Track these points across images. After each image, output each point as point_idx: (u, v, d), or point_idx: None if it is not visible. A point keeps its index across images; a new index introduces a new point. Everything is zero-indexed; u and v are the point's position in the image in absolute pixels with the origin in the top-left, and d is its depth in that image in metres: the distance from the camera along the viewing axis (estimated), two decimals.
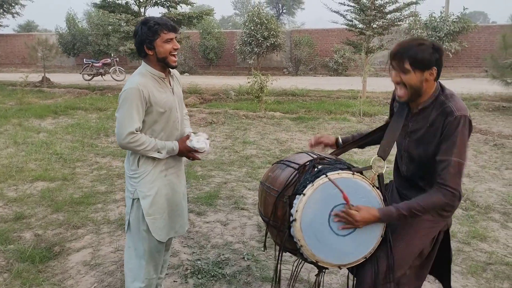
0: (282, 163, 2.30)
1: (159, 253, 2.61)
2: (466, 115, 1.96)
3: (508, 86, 11.18)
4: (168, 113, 2.49)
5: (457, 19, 19.80)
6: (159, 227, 2.52)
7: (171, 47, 2.42)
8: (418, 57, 1.97)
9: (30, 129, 8.72)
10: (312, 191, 1.97)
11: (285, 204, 2.07)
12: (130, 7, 15.28)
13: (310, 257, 2.02)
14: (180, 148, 2.52)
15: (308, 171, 2.09)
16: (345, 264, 2.08)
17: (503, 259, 3.55)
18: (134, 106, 2.35)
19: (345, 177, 2.01)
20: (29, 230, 4.09)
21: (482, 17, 67.07)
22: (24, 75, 14.57)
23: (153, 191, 2.48)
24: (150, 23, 2.39)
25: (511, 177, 5.67)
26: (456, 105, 1.98)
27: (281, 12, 56.09)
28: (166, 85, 2.52)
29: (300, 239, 1.98)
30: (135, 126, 2.35)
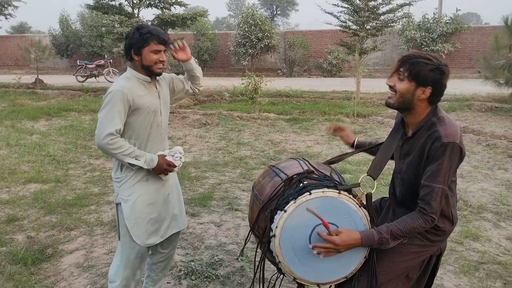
0: (273, 170, 2.28)
1: (139, 259, 2.58)
2: (455, 141, 1.89)
3: (500, 86, 11.24)
4: (152, 116, 2.51)
5: (450, 21, 19.89)
6: (141, 232, 2.51)
7: (157, 58, 2.45)
8: (416, 69, 1.93)
9: (23, 131, 8.67)
10: (294, 208, 1.93)
11: (266, 218, 2.05)
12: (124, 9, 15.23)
13: (288, 273, 1.99)
14: (160, 161, 2.48)
15: (294, 185, 2.05)
16: (324, 283, 2.04)
17: (495, 258, 3.57)
18: (117, 108, 2.37)
19: (330, 195, 1.96)
20: (21, 232, 4.06)
21: (475, 18, 67.49)
22: (17, 77, 14.48)
23: (134, 195, 2.48)
24: (143, 30, 2.43)
25: (504, 177, 5.71)
26: (445, 130, 1.91)
27: (275, 14, 56.17)
28: (152, 88, 2.55)
29: (279, 255, 1.95)
30: (115, 127, 2.36)
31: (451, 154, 1.89)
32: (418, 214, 1.95)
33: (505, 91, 11.43)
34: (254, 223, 2.15)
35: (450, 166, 1.91)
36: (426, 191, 1.93)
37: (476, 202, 4.77)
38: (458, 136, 1.92)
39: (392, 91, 2.03)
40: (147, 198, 2.52)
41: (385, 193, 4.81)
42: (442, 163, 1.90)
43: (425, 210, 1.93)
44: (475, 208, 4.63)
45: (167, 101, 2.69)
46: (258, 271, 2.23)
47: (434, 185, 1.91)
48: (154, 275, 2.87)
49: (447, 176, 1.92)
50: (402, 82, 1.97)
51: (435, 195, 1.91)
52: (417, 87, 1.95)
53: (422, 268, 2.16)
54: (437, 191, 1.91)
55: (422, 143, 1.99)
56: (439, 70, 1.93)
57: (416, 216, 1.95)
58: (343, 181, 2.23)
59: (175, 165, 2.53)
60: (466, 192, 5.07)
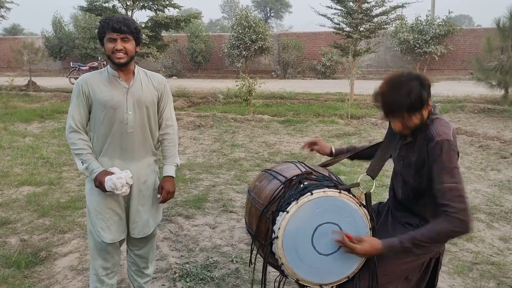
0: (270, 173, 2.28)
1: (105, 252, 2.57)
2: (448, 139, 1.92)
3: (493, 88, 11.32)
4: (111, 112, 2.43)
5: (442, 23, 20.01)
6: (101, 227, 2.49)
7: (112, 47, 2.38)
8: (414, 105, 1.93)
9: (15, 133, 8.62)
10: (296, 209, 1.93)
11: (268, 220, 2.04)
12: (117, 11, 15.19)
13: (290, 274, 1.99)
14: (97, 176, 2.38)
15: (294, 186, 2.06)
16: (326, 284, 2.05)
17: (488, 259, 3.59)
18: (75, 100, 2.45)
19: (330, 195, 1.97)
20: (14, 235, 4.03)
21: (467, 20, 67.98)
22: (10, 79, 14.43)
23: (94, 188, 2.46)
24: (102, 20, 2.41)
25: (496, 178, 5.75)
26: (436, 130, 1.96)
27: (269, 16, 56.26)
28: (119, 83, 2.48)
29: (282, 257, 1.95)
30: (73, 119, 2.41)
31: (447, 150, 1.91)
32: (442, 217, 1.92)
33: (497, 93, 11.52)
34: (255, 227, 2.14)
35: (451, 162, 1.92)
36: (441, 194, 1.92)
37: (469, 203, 4.79)
38: (450, 134, 1.95)
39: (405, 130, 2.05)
40: (96, 194, 2.48)
41: (379, 195, 4.83)
42: (442, 161, 1.91)
43: (446, 212, 1.90)
44: None
45: (144, 101, 2.51)
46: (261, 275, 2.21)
47: (444, 186, 1.90)
48: (130, 274, 2.85)
49: (453, 172, 1.91)
50: (409, 120, 1.98)
51: (447, 194, 1.89)
52: (422, 110, 1.97)
53: (421, 271, 2.17)
54: (448, 190, 1.89)
55: (419, 144, 2.03)
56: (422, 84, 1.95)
57: (440, 220, 1.92)
58: (340, 181, 2.24)
59: (106, 188, 2.35)
60: None
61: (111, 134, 2.47)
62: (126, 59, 2.41)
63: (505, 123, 9.38)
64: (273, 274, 3.23)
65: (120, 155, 2.50)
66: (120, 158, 2.50)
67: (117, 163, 2.48)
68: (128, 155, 2.51)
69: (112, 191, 2.36)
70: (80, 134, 2.42)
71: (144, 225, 2.62)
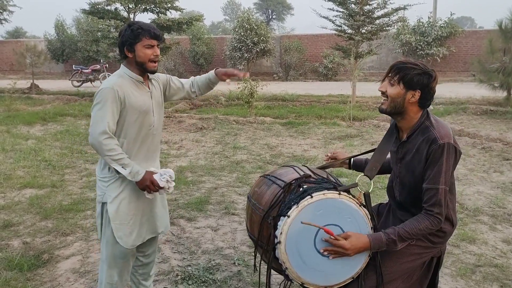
0: (269, 179, 2.28)
1: (124, 259, 2.57)
2: (450, 142, 1.98)
3: (495, 90, 11.31)
4: (143, 116, 2.49)
5: (444, 24, 20.01)
6: (124, 233, 2.49)
7: (151, 53, 2.44)
8: (405, 73, 2.03)
9: (18, 136, 8.64)
10: (297, 213, 1.94)
11: (269, 226, 2.05)
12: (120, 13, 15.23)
13: (295, 278, 2.00)
14: (145, 176, 2.41)
15: (293, 190, 2.06)
16: (331, 286, 2.06)
17: (491, 261, 3.58)
18: (109, 105, 2.35)
19: (330, 197, 1.98)
20: (17, 237, 4.04)
21: (469, 22, 67.87)
22: (12, 82, 14.46)
23: (121, 195, 2.46)
24: (134, 26, 2.42)
25: (499, 179, 5.73)
26: (440, 132, 2.01)
27: (270, 18, 56.33)
28: (144, 88, 2.53)
29: (285, 261, 1.96)
30: (108, 125, 2.35)
31: (448, 154, 1.99)
32: (424, 216, 2.02)
33: (499, 94, 11.50)
34: (258, 234, 2.14)
35: (448, 165, 1.99)
36: (430, 194, 2.00)
37: (472, 205, 4.78)
38: (452, 137, 2.02)
39: (384, 96, 2.12)
40: (134, 199, 2.49)
41: (382, 196, 4.83)
42: (442, 164, 1.98)
43: (431, 212, 2.00)
44: (471, 211, 4.64)
45: (160, 101, 2.66)
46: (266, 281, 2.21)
47: (438, 187, 1.99)
48: (135, 279, 2.85)
49: (447, 176, 1.99)
50: (393, 87, 2.07)
51: (439, 196, 1.99)
52: (407, 90, 2.05)
53: (423, 270, 2.20)
54: (441, 192, 1.99)
55: (418, 146, 2.06)
56: (426, 74, 2.03)
57: (422, 218, 2.02)
58: (339, 183, 2.24)
59: (160, 186, 2.43)
60: (462, 195, 5.09)
61: (140, 137, 2.51)
62: (156, 67, 2.52)
63: (507, 124, 9.36)
64: (278, 278, 3.22)
65: (145, 157, 2.57)
66: (145, 160, 2.57)
67: (143, 165, 2.53)
68: (150, 156, 2.61)
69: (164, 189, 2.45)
70: (115, 140, 2.38)
71: (166, 220, 2.77)
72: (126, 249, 2.52)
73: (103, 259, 2.58)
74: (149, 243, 2.75)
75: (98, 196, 2.53)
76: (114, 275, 2.56)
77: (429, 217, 2.01)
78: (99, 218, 2.55)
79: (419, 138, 2.07)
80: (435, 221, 2.01)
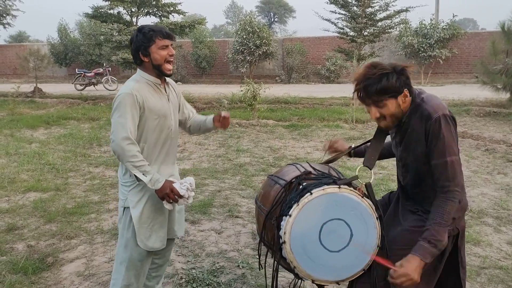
0: (271, 179, 2.28)
1: (141, 262, 2.57)
2: (444, 113, 1.95)
3: (498, 91, 11.28)
4: (162, 120, 2.49)
5: (447, 26, 19.99)
6: (145, 237, 2.50)
7: (167, 53, 2.43)
8: (387, 89, 1.98)
9: (22, 139, 8.67)
10: (298, 211, 1.93)
11: (273, 226, 2.04)
12: (122, 17, 15.31)
13: (305, 276, 1.99)
14: (165, 184, 2.38)
15: (294, 189, 2.05)
16: (343, 280, 2.03)
17: (496, 263, 3.57)
18: (129, 111, 2.35)
19: (330, 192, 1.97)
20: (21, 241, 4.05)
21: (471, 24, 67.73)
22: (16, 86, 14.52)
23: (143, 200, 2.47)
24: (145, 29, 2.42)
25: (503, 181, 5.71)
26: (432, 107, 1.98)
27: (273, 21, 56.44)
28: (162, 91, 2.53)
29: (292, 260, 1.95)
30: (129, 131, 2.34)
31: (446, 125, 1.95)
32: (442, 197, 1.97)
33: (503, 96, 11.47)
34: (261, 233, 2.15)
35: (450, 136, 1.96)
36: (440, 169, 1.96)
37: (476, 207, 4.77)
38: (444, 107, 1.99)
39: (381, 120, 2.08)
40: (156, 203, 2.50)
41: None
42: (443, 136, 1.94)
43: (446, 187, 1.96)
44: (475, 213, 4.63)
45: (177, 105, 2.66)
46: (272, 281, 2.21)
47: (446, 159, 1.95)
48: (148, 282, 2.85)
49: (452, 146, 1.96)
50: (385, 107, 2.02)
51: (450, 168, 1.95)
52: (397, 97, 2.01)
53: None
54: (451, 163, 1.95)
55: (414, 125, 2.04)
56: (398, 72, 1.99)
57: (442, 201, 1.97)
58: (342, 176, 2.23)
59: (180, 194, 2.39)
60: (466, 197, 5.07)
61: (160, 141, 2.52)
62: (172, 69, 2.51)
63: (511, 126, 9.34)
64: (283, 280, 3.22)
65: (164, 161, 2.58)
66: (164, 164, 2.58)
67: (162, 169, 2.54)
68: (169, 160, 2.61)
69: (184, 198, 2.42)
70: (136, 146, 2.37)
71: (183, 224, 2.79)
72: (145, 251, 2.53)
73: (120, 261, 2.57)
74: (168, 243, 2.76)
75: (121, 201, 2.54)
76: (131, 277, 2.57)
77: (447, 194, 1.96)
78: (120, 222, 2.57)
79: (413, 117, 2.04)
80: (454, 195, 1.95)
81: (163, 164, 2.57)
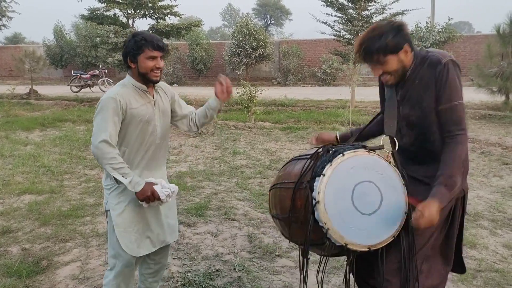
0: (292, 161, 2.29)
1: (129, 269, 2.56)
2: (452, 58, 2.01)
3: (493, 94, 11.34)
4: (145, 125, 2.49)
5: (442, 29, 20.05)
6: (129, 241, 2.48)
7: (153, 65, 2.43)
8: (387, 46, 2.02)
9: (17, 141, 8.62)
10: (332, 170, 1.95)
11: (305, 190, 2.02)
12: (118, 19, 15.28)
13: (338, 239, 1.94)
14: (145, 187, 2.38)
15: (324, 154, 2.07)
16: (375, 245, 2.00)
17: (492, 266, 3.57)
18: (110, 115, 2.36)
19: (361, 154, 2.01)
20: (16, 244, 4.02)
21: (467, 27, 68.12)
22: (11, 87, 14.46)
23: (122, 203, 2.47)
24: (137, 37, 2.42)
25: (499, 184, 5.73)
26: (440, 53, 2.04)
27: (269, 23, 56.50)
28: (148, 97, 2.53)
29: (326, 221, 1.92)
30: (109, 134, 2.34)
31: (454, 70, 2.01)
32: (450, 142, 2.02)
33: (498, 99, 11.53)
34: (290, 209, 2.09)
35: (458, 80, 2.01)
36: (448, 114, 2.01)
37: (472, 210, 4.77)
38: (450, 54, 2.06)
39: (384, 76, 2.11)
40: (136, 206, 2.48)
41: None
42: (451, 81, 1.99)
43: (454, 131, 2.01)
44: (471, 215, 4.64)
45: (166, 110, 2.65)
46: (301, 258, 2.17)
47: (453, 103, 2.00)
48: (144, 286, 2.84)
49: (459, 91, 2.01)
50: (386, 64, 2.06)
51: (458, 112, 2.01)
52: (398, 54, 2.05)
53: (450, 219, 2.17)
54: (459, 107, 2.01)
55: (421, 75, 2.07)
56: (396, 28, 2.03)
57: (451, 145, 2.01)
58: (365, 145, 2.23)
59: (160, 198, 2.40)
60: None
61: (142, 146, 2.52)
62: (160, 76, 2.50)
63: (506, 129, 9.37)
64: (276, 283, 3.20)
65: (147, 166, 2.57)
66: (148, 169, 2.57)
67: (145, 174, 2.53)
68: (153, 165, 2.60)
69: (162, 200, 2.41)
70: (116, 149, 2.37)
71: (174, 230, 2.73)
72: (132, 257, 2.51)
73: (110, 267, 2.57)
74: (160, 251, 2.74)
75: (104, 204, 2.55)
76: (120, 283, 2.56)
77: (456, 139, 2.01)
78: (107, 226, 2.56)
79: (419, 68, 2.07)
80: (462, 138, 2.01)
81: (146, 169, 2.56)
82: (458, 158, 2.00)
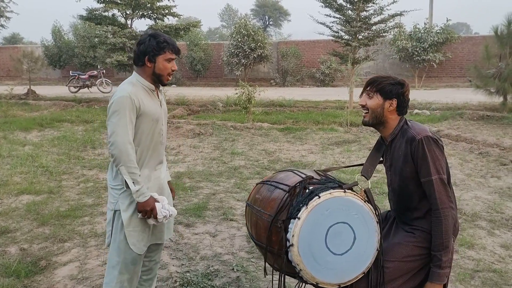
0: (270, 184, 2.29)
1: (134, 265, 2.57)
2: (427, 135, 2.11)
3: (491, 95, 11.37)
4: (155, 124, 2.52)
5: (440, 30, 20.11)
6: (137, 240, 2.50)
7: (170, 67, 2.50)
8: (381, 86, 2.22)
9: (15, 142, 8.61)
10: (307, 214, 1.96)
11: (279, 229, 2.06)
12: (117, 19, 15.26)
13: (309, 279, 2.01)
14: (149, 201, 2.39)
15: (300, 193, 2.08)
16: (345, 282, 2.07)
17: (490, 266, 3.58)
18: (127, 114, 2.36)
19: (337, 195, 2.02)
20: (14, 244, 4.01)
21: (465, 28, 68.25)
22: (9, 88, 14.45)
23: (134, 204, 2.46)
24: (160, 38, 2.46)
25: (497, 185, 5.74)
26: (415, 130, 2.16)
27: (267, 24, 56.52)
28: (155, 97, 2.57)
29: (299, 263, 1.97)
30: (130, 135, 2.37)
31: (428, 145, 2.10)
32: (434, 218, 2.11)
33: (496, 100, 11.55)
34: (266, 240, 2.15)
35: (434, 155, 2.11)
36: (428, 188, 2.11)
37: (470, 210, 4.79)
38: (427, 130, 2.16)
39: (365, 109, 2.28)
40: (133, 209, 2.48)
41: (380, 202, 4.83)
42: (426, 156, 2.09)
43: (435, 207, 2.10)
44: (469, 216, 4.65)
45: (166, 111, 2.71)
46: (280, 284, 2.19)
47: (431, 177, 2.09)
48: (140, 286, 2.83)
49: (437, 165, 2.10)
50: (372, 99, 2.24)
51: (436, 185, 2.09)
52: (384, 100, 2.22)
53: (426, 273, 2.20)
54: (436, 181, 2.09)
55: (402, 149, 2.20)
56: (399, 84, 2.22)
57: (435, 222, 2.11)
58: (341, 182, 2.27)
59: (156, 217, 2.42)
60: (460, 200, 5.09)
61: (152, 145, 2.54)
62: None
63: (504, 130, 9.39)
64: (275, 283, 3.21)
65: (154, 165, 2.60)
66: (155, 168, 2.61)
67: (153, 173, 2.58)
68: (159, 164, 2.64)
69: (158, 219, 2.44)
70: (134, 152, 2.38)
71: (170, 227, 2.79)
72: (137, 255, 2.53)
73: (112, 265, 2.56)
74: (156, 247, 2.77)
75: (110, 204, 2.53)
76: (124, 281, 2.56)
77: (438, 215, 2.09)
78: (109, 225, 2.55)
79: (401, 141, 2.21)
80: (445, 213, 2.08)
81: (154, 168, 2.60)
82: (445, 233, 2.09)
